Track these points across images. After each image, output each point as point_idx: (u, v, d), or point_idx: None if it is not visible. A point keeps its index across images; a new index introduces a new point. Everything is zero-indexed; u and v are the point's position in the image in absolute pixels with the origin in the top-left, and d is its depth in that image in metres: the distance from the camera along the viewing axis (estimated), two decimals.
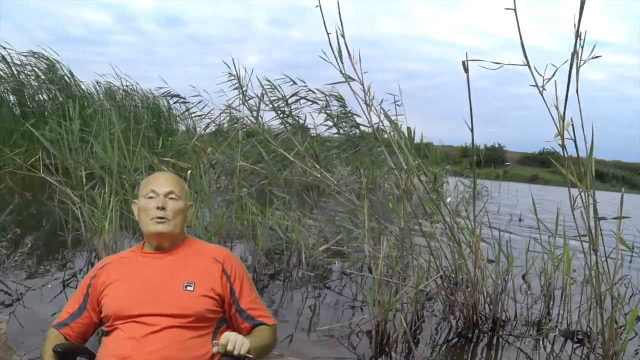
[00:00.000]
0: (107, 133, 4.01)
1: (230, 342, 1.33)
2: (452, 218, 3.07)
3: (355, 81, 3.05)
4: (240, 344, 1.34)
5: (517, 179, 25.03)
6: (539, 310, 3.44)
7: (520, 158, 44.87)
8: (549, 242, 3.54)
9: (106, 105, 9.19)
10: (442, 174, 8.15)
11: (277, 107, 8.29)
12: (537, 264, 3.67)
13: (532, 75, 2.39)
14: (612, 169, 40.46)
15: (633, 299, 3.47)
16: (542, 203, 6.46)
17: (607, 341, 2.53)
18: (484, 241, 3.23)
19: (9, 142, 8.52)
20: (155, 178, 1.61)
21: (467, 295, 3.03)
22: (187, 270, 1.50)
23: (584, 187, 2.37)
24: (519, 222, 7.37)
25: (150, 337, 1.38)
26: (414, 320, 3.00)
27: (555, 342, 3.08)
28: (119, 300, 1.45)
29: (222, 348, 1.33)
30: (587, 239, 2.48)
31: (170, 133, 10.89)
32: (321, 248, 4.14)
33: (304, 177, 7.38)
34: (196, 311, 1.44)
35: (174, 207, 1.54)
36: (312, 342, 2.85)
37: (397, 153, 3.12)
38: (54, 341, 1.45)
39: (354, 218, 4.24)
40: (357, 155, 8.38)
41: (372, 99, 3.14)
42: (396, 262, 3.35)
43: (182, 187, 1.61)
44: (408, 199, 3.26)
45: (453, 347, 2.95)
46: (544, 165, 38.64)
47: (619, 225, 2.58)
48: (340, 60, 2.99)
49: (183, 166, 4.50)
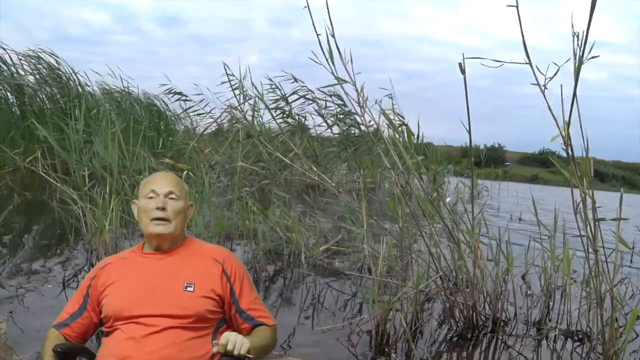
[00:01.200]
0: (108, 133, 4.01)
1: (230, 342, 1.33)
2: (452, 218, 3.08)
3: (348, 83, 3.01)
4: (240, 344, 1.34)
5: (517, 179, 25.03)
6: (539, 310, 3.44)
7: (520, 158, 44.86)
8: (549, 242, 3.54)
9: (106, 105, 9.19)
10: (443, 173, 8.13)
11: (278, 107, 8.27)
12: (537, 264, 3.68)
13: (534, 74, 2.38)
14: (612, 169, 40.46)
15: (633, 299, 3.47)
16: (542, 203, 6.47)
17: (607, 341, 2.53)
18: (483, 242, 3.23)
19: (8, 141, 8.51)
20: (155, 178, 1.61)
21: (466, 295, 3.03)
22: (187, 271, 1.50)
23: (583, 187, 2.37)
24: (519, 222, 7.37)
25: (150, 337, 1.38)
26: (414, 320, 3.00)
27: (555, 342, 3.08)
28: (119, 300, 1.45)
29: (222, 348, 1.34)
30: (587, 239, 2.48)
31: (170, 133, 10.88)
32: (321, 248, 4.14)
33: (304, 177, 7.37)
34: (196, 312, 1.44)
35: (174, 208, 1.53)
36: (312, 342, 2.85)
37: (392, 153, 3.09)
38: (54, 341, 1.46)
39: (354, 218, 4.24)
40: (356, 155, 8.36)
41: (366, 100, 3.10)
42: (396, 262, 3.35)
43: (182, 187, 1.60)
44: (406, 199, 3.25)
45: (453, 347, 2.95)
46: (544, 165, 38.65)
47: (618, 226, 2.58)
48: (332, 62, 2.94)
49: (182, 167, 4.50)
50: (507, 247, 3.34)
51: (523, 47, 2.35)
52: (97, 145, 4.36)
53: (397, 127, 3.20)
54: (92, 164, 4.28)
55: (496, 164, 19.45)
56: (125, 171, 4.11)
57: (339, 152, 8.60)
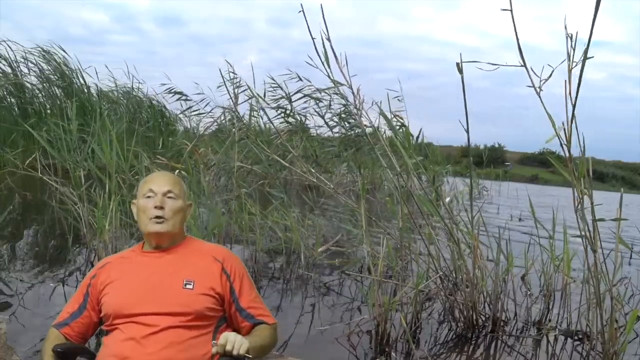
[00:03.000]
0: (107, 133, 4.01)
1: (229, 342, 1.33)
2: (451, 218, 3.08)
3: (345, 86, 3.01)
4: (239, 343, 1.33)
5: (517, 179, 25.05)
6: (539, 310, 3.44)
7: (520, 158, 44.90)
8: (549, 242, 3.54)
9: (105, 105, 9.20)
10: (442, 173, 8.12)
11: (279, 106, 8.23)
12: (536, 264, 3.68)
13: (529, 77, 2.39)
14: (612, 169, 40.47)
15: (633, 299, 3.47)
16: (542, 203, 6.47)
17: (607, 341, 2.53)
18: (482, 242, 3.23)
19: (8, 142, 8.51)
20: (153, 177, 1.61)
21: (466, 295, 3.03)
22: (187, 269, 1.50)
23: (581, 188, 2.37)
24: (518, 222, 7.38)
25: (150, 337, 1.38)
26: (414, 320, 3.00)
27: (555, 342, 3.08)
28: (118, 299, 1.45)
29: (220, 348, 1.33)
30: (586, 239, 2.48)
31: (170, 133, 10.89)
32: (320, 249, 4.14)
33: (303, 177, 7.36)
34: (195, 309, 1.44)
35: (173, 207, 1.54)
36: (312, 342, 2.85)
37: (390, 154, 3.10)
38: (54, 341, 1.46)
39: (353, 219, 4.24)
40: (357, 155, 8.34)
41: (362, 102, 3.11)
42: (395, 262, 3.35)
43: (181, 186, 1.60)
44: (405, 200, 3.25)
45: (453, 347, 2.95)
46: (544, 165, 38.64)
47: (618, 226, 2.58)
48: (327, 65, 2.94)
49: (177, 167, 4.49)
50: (507, 246, 3.34)
51: (518, 49, 2.37)
52: (92, 145, 4.35)
53: (396, 129, 3.20)
54: (87, 165, 4.26)
55: (496, 164, 19.46)
56: (123, 171, 4.10)
57: (339, 152, 8.58)
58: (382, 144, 3.14)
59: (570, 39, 2.21)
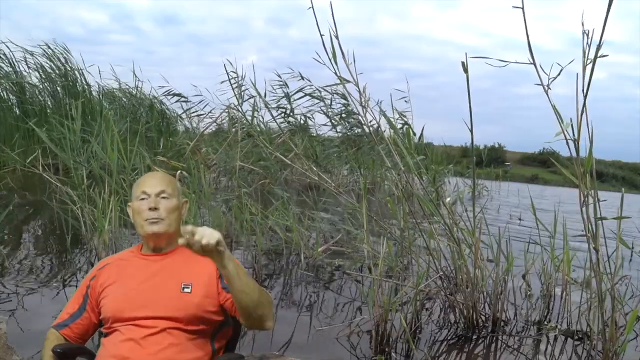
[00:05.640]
0: (108, 133, 4.01)
1: (198, 233, 1.22)
2: (452, 218, 3.07)
3: (351, 83, 3.03)
4: (209, 235, 1.23)
5: (517, 179, 25.04)
6: (539, 310, 3.44)
7: (520, 158, 44.81)
8: (550, 242, 3.54)
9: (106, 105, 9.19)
10: (443, 172, 8.12)
11: (279, 106, 8.24)
12: (537, 264, 3.67)
13: (538, 75, 2.36)
14: (612, 169, 40.42)
15: (633, 299, 3.47)
16: (542, 203, 6.47)
17: (607, 341, 2.53)
18: (483, 242, 3.23)
19: (9, 141, 8.51)
20: (145, 179, 1.60)
21: (466, 295, 3.03)
22: (185, 273, 1.49)
23: (584, 186, 2.36)
24: (519, 222, 7.37)
25: (149, 338, 1.37)
26: (414, 320, 3.00)
27: (555, 342, 3.08)
28: (116, 302, 1.45)
29: (186, 239, 1.20)
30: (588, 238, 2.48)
31: (171, 134, 10.88)
32: (320, 249, 4.13)
33: (304, 177, 7.36)
34: (193, 313, 1.43)
35: (167, 206, 1.53)
36: (312, 342, 2.85)
37: (393, 153, 3.10)
38: (53, 342, 1.46)
39: (354, 218, 4.23)
40: (357, 155, 8.35)
41: (368, 100, 3.12)
42: (396, 262, 3.34)
43: (174, 186, 1.59)
44: (406, 199, 3.25)
45: (453, 347, 2.95)
46: (544, 165, 38.63)
47: (619, 225, 2.58)
48: (335, 62, 2.96)
49: (177, 166, 4.50)
50: (507, 246, 3.34)
51: (528, 47, 2.34)
52: (94, 145, 4.35)
53: (397, 128, 3.20)
54: (89, 164, 4.27)
55: (496, 164, 19.45)
56: (124, 171, 4.10)
57: (340, 152, 8.59)
58: (387, 143, 3.14)
59: (587, 35, 2.19)
